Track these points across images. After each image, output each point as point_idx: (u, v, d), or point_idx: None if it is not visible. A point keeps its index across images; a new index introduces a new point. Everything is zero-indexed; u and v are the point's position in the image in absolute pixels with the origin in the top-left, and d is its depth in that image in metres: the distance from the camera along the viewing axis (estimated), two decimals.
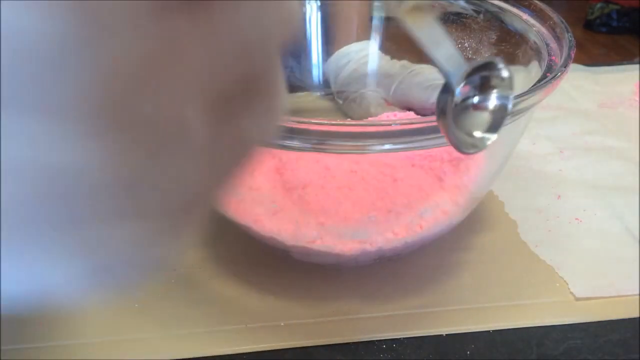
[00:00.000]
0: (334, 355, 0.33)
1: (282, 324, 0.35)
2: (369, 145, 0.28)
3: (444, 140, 0.29)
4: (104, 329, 0.35)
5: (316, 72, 0.54)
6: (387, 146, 0.28)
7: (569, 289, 0.37)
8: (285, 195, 0.35)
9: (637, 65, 0.66)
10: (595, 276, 0.38)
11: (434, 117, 0.28)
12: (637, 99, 0.60)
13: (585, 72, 0.64)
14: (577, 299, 0.37)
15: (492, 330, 0.35)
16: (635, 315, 0.36)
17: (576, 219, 0.43)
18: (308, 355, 0.33)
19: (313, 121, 0.27)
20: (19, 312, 0.19)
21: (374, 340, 0.34)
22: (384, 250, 0.35)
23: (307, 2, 0.52)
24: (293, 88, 0.54)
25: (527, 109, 0.31)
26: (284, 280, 0.38)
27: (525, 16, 0.41)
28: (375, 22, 0.52)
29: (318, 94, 0.54)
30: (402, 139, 0.28)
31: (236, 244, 0.41)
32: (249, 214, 0.36)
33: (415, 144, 0.29)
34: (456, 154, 0.37)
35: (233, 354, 0.33)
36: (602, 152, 0.51)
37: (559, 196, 0.45)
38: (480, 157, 0.37)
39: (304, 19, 0.53)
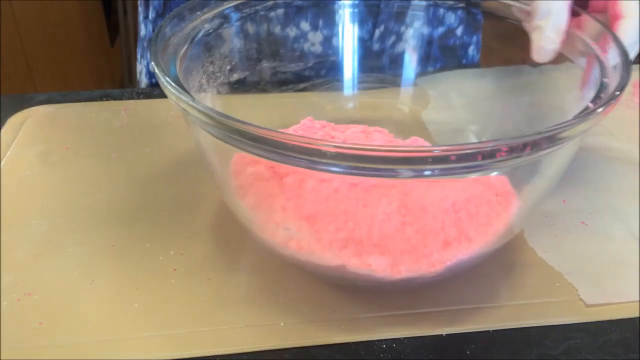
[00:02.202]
0: (334, 355, 0.33)
1: (282, 324, 0.35)
2: (404, 171, 0.26)
3: (486, 170, 0.27)
4: (104, 329, 0.35)
5: (349, 85, 0.53)
6: (427, 172, 0.27)
7: (578, 295, 0.37)
8: (302, 218, 0.35)
9: (634, 66, 0.66)
10: (604, 282, 0.38)
11: (475, 144, 0.26)
12: (636, 99, 0.60)
13: (579, 71, 0.64)
14: (587, 306, 0.37)
15: (492, 330, 0.35)
16: (635, 315, 0.36)
17: (582, 222, 0.43)
18: (308, 355, 0.33)
19: (355, 146, 0.26)
20: None
21: (374, 340, 0.34)
22: (404, 279, 0.35)
23: (341, 8, 0.51)
24: (330, 90, 0.53)
25: (576, 136, 0.29)
26: (285, 280, 0.38)
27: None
28: None
29: (350, 105, 0.53)
30: (447, 165, 0.26)
31: (236, 243, 0.41)
32: (265, 229, 0.36)
33: (462, 171, 0.27)
34: (498, 187, 0.35)
35: (233, 354, 0.33)
36: (603, 153, 0.51)
37: (564, 200, 0.45)
38: (526, 192, 0.35)
39: (339, 25, 0.51)
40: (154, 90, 0.60)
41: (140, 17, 0.67)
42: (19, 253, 0.40)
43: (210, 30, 0.42)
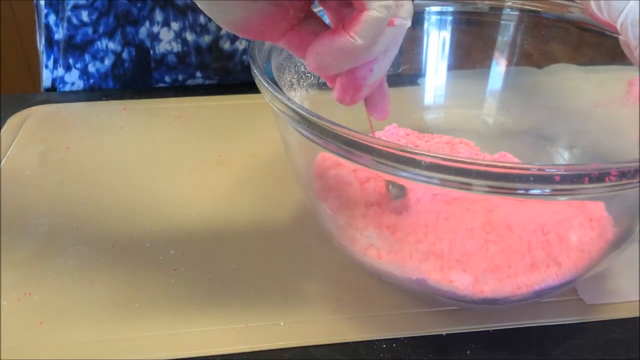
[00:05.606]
0: (334, 355, 0.33)
1: (282, 324, 0.35)
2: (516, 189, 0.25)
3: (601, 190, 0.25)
4: (104, 329, 0.35)
5: (434, 92, 0.51)
6: (535, 192, 0.26)
7: (578, 295, 0.37)
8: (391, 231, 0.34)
9: (627, 65, 0.66)
10: (604, 282, 0.38)
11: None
12: (630, 97, 0.60)
13: (578, 72, 0.64)
14: (587, 306, 0.36)
15: (492, 330, 0.35)
16: (636, 315, 0.36)
17: None
18: (308, 355, 0.33)
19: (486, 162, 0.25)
20: None
21: (374, 340, 0.34)
22: (487, 299, 0.34)
23: (425, 16, 0.49)
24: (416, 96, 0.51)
25: None
26: (285, 280, 0.38)
27: None
28: None
29: (434, 115, 0.52)
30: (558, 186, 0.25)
31: (235, 244, 0.41)
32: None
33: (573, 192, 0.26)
34: (592, 212, 0.33)
35: (233, 354, 0.33)
36: (600, 151, 0.51)
37: None
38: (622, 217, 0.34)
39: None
40: (154, 90, 0.60)
41: (50, 18, 0.61)
42: (19, 253, 0.40)
43: None
